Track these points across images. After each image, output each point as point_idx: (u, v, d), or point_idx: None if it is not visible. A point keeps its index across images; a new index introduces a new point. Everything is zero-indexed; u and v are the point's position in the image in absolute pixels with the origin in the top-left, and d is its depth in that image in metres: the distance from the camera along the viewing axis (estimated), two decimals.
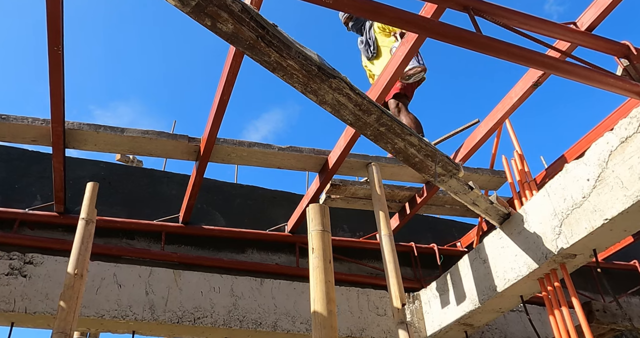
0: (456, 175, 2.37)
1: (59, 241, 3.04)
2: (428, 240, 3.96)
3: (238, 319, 2.98)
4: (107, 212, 3.24)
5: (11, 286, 2.72)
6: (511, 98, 2.62)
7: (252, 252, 3.46)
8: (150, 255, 3.16)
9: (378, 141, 2.16)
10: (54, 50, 2.18)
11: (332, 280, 1.79)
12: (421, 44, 2.15)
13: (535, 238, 2.49)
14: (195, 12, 1.66)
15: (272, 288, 3.18)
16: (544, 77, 2.42)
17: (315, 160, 3.01)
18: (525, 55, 2.00)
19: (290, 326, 3.06)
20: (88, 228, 2.18)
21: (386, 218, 2.68)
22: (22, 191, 3.28)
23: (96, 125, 2.73)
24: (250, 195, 3.79)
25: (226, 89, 2.46)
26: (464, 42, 1.94)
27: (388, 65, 2.40)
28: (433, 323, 3.19)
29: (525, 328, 3.51)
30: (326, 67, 1.88)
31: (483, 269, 2.86)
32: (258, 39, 1.72)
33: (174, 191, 3.59)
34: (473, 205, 2.58)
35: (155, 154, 2.88)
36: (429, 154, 2.25)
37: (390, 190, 3.32)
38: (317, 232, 1.85)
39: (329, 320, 1.70)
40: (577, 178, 2.29)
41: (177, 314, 2.89)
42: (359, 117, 2.03)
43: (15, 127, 2.63)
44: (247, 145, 2.91)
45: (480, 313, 2.90)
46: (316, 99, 1.92)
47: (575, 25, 2.25)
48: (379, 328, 3.24)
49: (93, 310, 2.77)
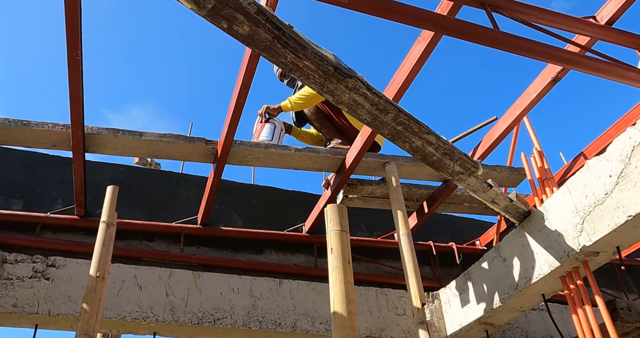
0: (475, 173, 2.35)
1: (80, 244, 3.07)
2: (446, 239, 3.93)
3: (257, 320, 2.99)
4: (127, 215, 3.27)
5: (35, 289, 2.76)
6: (529, 94, 2.59)
7: (270, 252, 3.47)
8: (170, 257, 3.19)
9: (395, 140, 2.15)
10: (73, 56, 2.20)
11: (351, 280, 1.78)
12: (437, 42, 2.14)
13: (557, 236, 2.46)
14: (211, 15, 1.66)
15: (290, 288, 3.18)
16: (563, 72, 2.38)
17: (332, 160, 3.01)
18: (544, 50, 1.98)
19: (309, 326, 3.06)
20: (109, 231, 2.20)
21: (404, 218, 2.67)
22: (44, 195, 3.33)
23: (115, 129, 2.75)
24: (267, 196, 3.80)
25: (242, 91, 2.46)
26: (481, 39, 1.92)
27: (403, 64, 2.38)
28: (453, 322, 3.17)
29: (547, 327, 3.47)
30: (342, 67, 1.87)
31: (503, 268, 2.83)
32: (274, 40, 1.73)
33: (191, 193, 3.61)
34: (492, 203, 2.55)
35: (173, 157, 2.90)
36: (446, 152, 2.23)
37: (408, 189, 3.30)
38: (336, 233, 1.85)
39: (348, 320, 1.69)
40: (598, 175, 2.26)
41: (197, 315, 2.91)
42: (376, 117, 2.03)
43: (35, 133, 2.67)
44: (264, 147, 2.92)
45: (501, 312, 2.87)
46: (333, 99, 1.92)
47: (594, 19, 2.21)
48: (399, 328, 3.23)
49: (114, 312, 2.80)
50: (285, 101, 3.37)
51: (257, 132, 3.33)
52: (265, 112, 3.40)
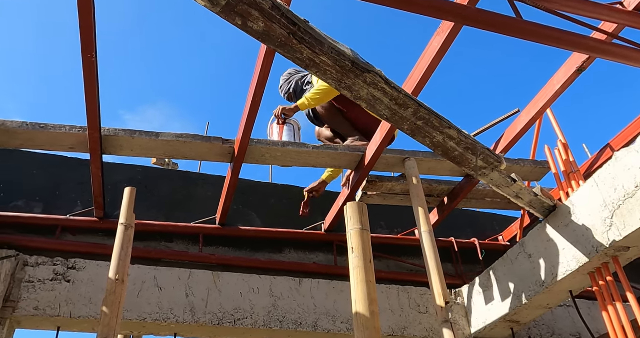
0: (498, 167, 2.28)
1: (100, 246, 3.08)
2: (468, 235, 3.85)
3: (278, 320, 2.96)
4: (145, 216, 3.27)
5: (56, 291, 2.77)
6: (553, 85, 2.51)
7: (290, 251, 3.44)
8: (189, 258, 3.18)
9: (415, 135, 2.10)
10: (87, 58, 2.19)
11: (373, 280, 1.73)
12: (457, 33, 2.07)
13: (585, 230, 2.38)
14: (225, 12, 1.63)
15: (311, 287, 3.15)
16: (589, 61, 2.30)
17: (351, 157, 2.96)
18: (569, 39, 1.90)
19: (330, 326, 3.02)
20: (127, 233, 2.19)
21: (425, 215, 2.61)
22: (63, 198, 3.35)
23: (131, 130, 2.74)
24: (285, 194, 3.77)
25: (258, 89, 2.43)
26: (504, 29, 1.85)
27: (423, 57, 2.32)
28: (477, 320, 3.11)
29: (575, 324, 3.38)
30: (360, 62, 1.82)
31: (528, 264, 2.76)
32: (290, 36, 1.68)
33: (209, 193, 3.60)
34: (516, 198, 2.48)
35: (190, 157, 2.88)
36: (469, 146, 2.17)
37: (428, 185, 3.24)
38: (356, 231, 1.80)
39: (371, 321, 1.65)
40: (628, 167, 2.18)
41: (218, 316, 2.89)
42: (396, 112, 1.97)
43: (53, 136, 2.67)
44: (281, 145, 2.88)
45: (527, 309, 2.80)
46: (351, 94, 1.87)
47: (621, 5, 2.12)
48: (421, 326, 3.18)
49: (135, 313, 2.80)
50: (302, 100, 3.32)
51: (276, 134, 3.28)
52: (282, 113, 3.33)
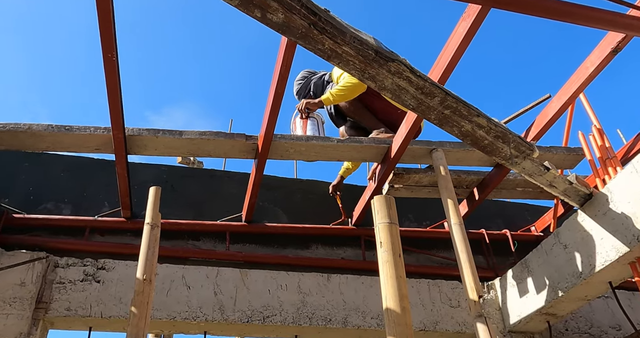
0: (530, 155, 2.19)
1: (127, 246, 3.09)
2: (499, 226, 3.76)
3: (307, 316, 2.93)
4: (172, 215, 3.27)
5: (86, 292, 2.79)
6: (587, 68, 2.40)
7: (317, 247, 3.40)
8: (216, 255, 3.17)
9: (443, 125, 2.03)
10: (108, 58, 2.18)
11: (403, 275, 1.68)
12: (484, 17, 1.99)
13: (624, 219, 2.28)
14: (243, 4, 1.59)
15: (339, 283, 3.11)
16: (625, 41, 2.18)
17: (377, 150, 2.90)
18: (604, 17, 1.80)
19: (360, 321, 2.98)
20: (153, 233, 2.18)
21: (455, 207, 2.54)
22: (91, 199, 3.37)
23: (155, 129, 2.74)
24: (310, 190, 3.73)
25: (280, 84, 2.39)
26: (533, 9, 1.77)
27: (448, 44, 2.24)
28: (512, 313, 3.02)
29: (614, 315, 3.26)
30: (384, 51, 1.76)
31: (564, 255, 2.66)
32: (310, 26, 1.63)
33: (234, 190, 3.58)
34: (550, 187, 2.39)
35: (214, 155, 2.86)
36: (499, 134, 2.09)
37: (457, 176, 3.16)
38: (384, 225, 1.76)
39: (402, 317, 1.60)
40: None
41: (247, 313, 2.88)
42: (422, 101, 1.91)
43: (78, 137, 2.68)
44: (305, 140, 2.84)
45: (564, 302, 2.71)
46: (375, 85, 1.81)
47: None
48: (453, 320, 3.11)
49: (165, 312, 2.80)
50: (326, 94, 3.27)
51: (300, 129, 3.24)
52: (305, 107, 3.29)
